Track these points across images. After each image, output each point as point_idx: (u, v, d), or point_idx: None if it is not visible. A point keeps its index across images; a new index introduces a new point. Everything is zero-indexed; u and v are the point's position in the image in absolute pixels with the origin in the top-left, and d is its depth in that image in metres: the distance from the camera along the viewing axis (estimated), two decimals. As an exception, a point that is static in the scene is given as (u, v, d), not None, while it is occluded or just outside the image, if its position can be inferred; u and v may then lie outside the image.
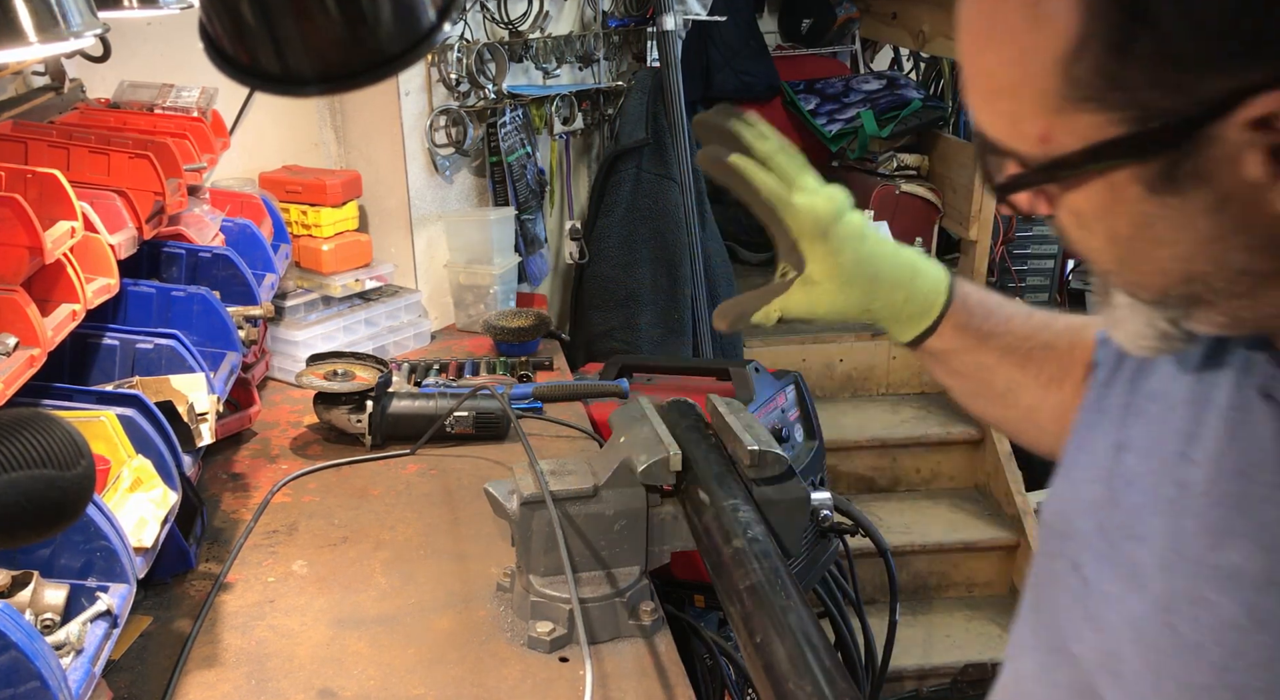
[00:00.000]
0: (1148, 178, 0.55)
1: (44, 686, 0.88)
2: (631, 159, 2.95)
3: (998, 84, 0.58)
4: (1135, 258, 0.60)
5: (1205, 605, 0.62)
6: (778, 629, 0.98)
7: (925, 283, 0.96)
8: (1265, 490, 0.61)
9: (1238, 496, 0.62)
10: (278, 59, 0.70)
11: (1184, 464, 0.67)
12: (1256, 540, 0.60)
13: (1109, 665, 0.69)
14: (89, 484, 0.78)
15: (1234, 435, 0.64)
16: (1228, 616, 0.61)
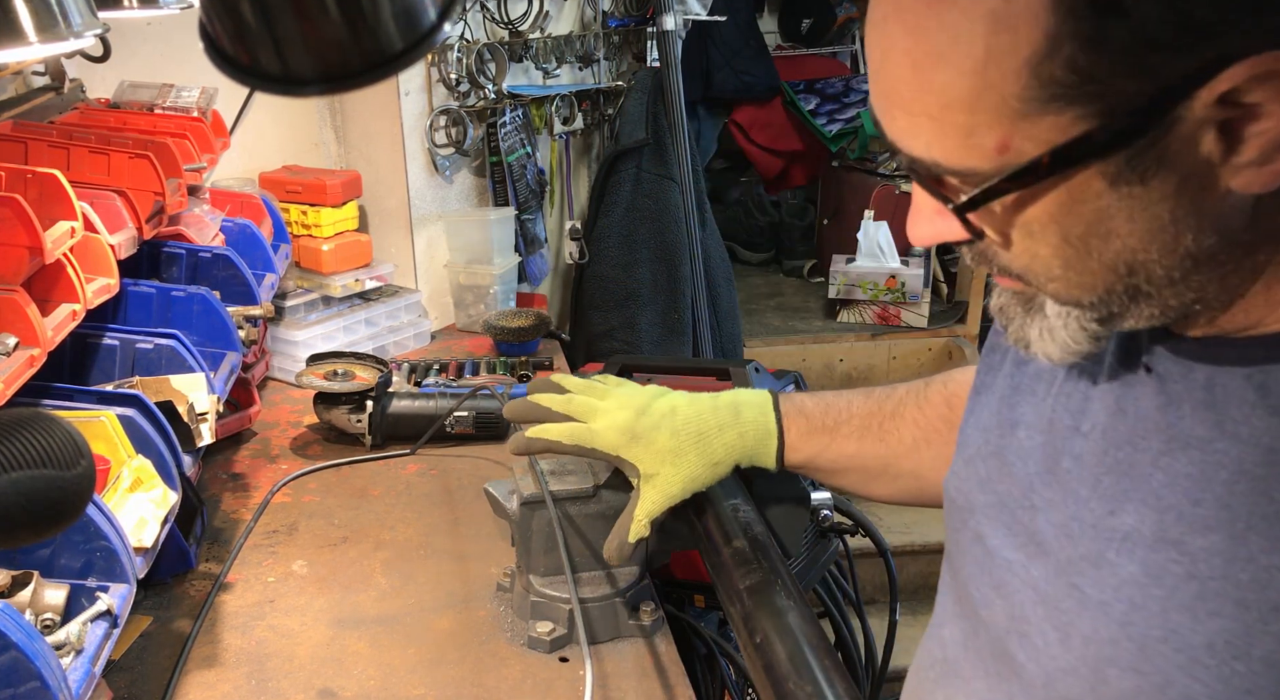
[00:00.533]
0: (1111, 171, 0.55)
1: (44, 686, 0.88)
2: (631, 159, 2.95)
3: (949, 99, 0.55)
4: (1084, 257, 0.59)
5: (1107, 565, 0.65)
6: (778, 629, 0.98)
7: (750, 412, 1.05)
8: (1152, 456, 0.64)
9: (1127, 465, 0.66)
10: (278, 59, 0.70)
11: (1075, 437, 0.70)
12: (1147, 504, 0.64)
13: (1017, 628, 0.72)
14: (89, 484, 0.77)
15: (1120, 408, 0.67)
16: (1126, 574, 0.64)
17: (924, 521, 3.17)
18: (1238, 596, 0.58)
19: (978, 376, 0.85)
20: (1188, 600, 0.61)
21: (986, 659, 0.77)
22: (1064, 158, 0.54)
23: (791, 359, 3.42)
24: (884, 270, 3.59)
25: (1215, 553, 0.60)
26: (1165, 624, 0.62)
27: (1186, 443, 0.62)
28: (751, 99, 4.20)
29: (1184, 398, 0.63)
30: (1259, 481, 0.58)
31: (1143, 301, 0.60)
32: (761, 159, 4.39)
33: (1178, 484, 0.62)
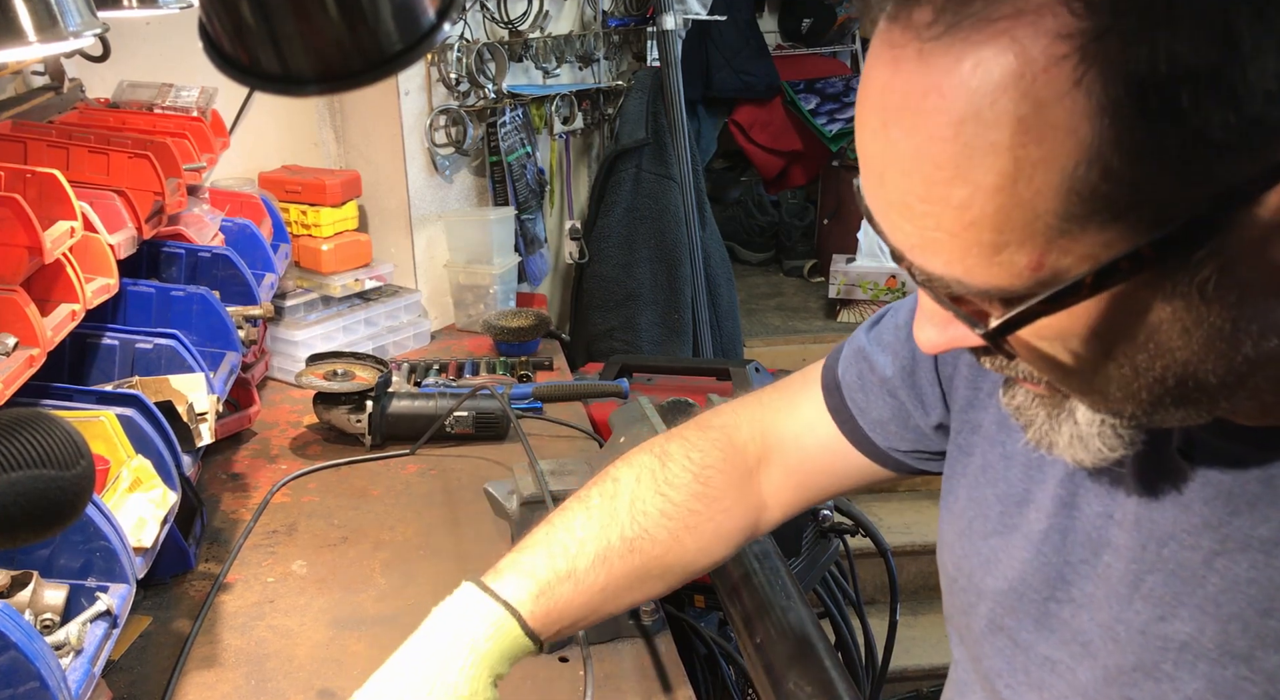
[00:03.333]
0: (1166, 285, 0.48)
1: (43, 687, 0.88)
2: (631, 159, 2.95)
3: (970, 218, 0.48)
4: (1129, 373, 0.52)
5: (1165, 680, 0.59)
6: (778, 629, 0.98)
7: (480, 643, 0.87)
8: (1203, 556, 0.57)
9: (1175, 564, 0.59)
10: (277, 59, 0.70)
11: (1110, 525, 0.63)
12: (1205, 611, 0.57)
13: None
14: (88, 484, 0.77)
15: (1156, 497, 0.60)
16: (1191, 692, 0.58)
17: (924, 521, 3.17)
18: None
19: (960, 434, 0.77)
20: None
21: None
22: (1110, 276, 0.47)
23: (791, 359, 3.42)
24: (884, 270, 3.59)
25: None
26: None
27: (1246, 544, 0.56)
28: (751, 99, 4.21)
29: (1237, 493, 0.56)
30: None
31: (1190, 407, 0.53)
32: (761, 159, 4.40)
33: (1240, 590, 0.56)
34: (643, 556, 0.87)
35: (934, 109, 0.47)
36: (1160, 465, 0.60)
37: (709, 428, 0.92)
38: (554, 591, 0.84)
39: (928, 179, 0.49)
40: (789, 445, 0.91)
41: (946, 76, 0.46)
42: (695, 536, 0.88)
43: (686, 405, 1.45)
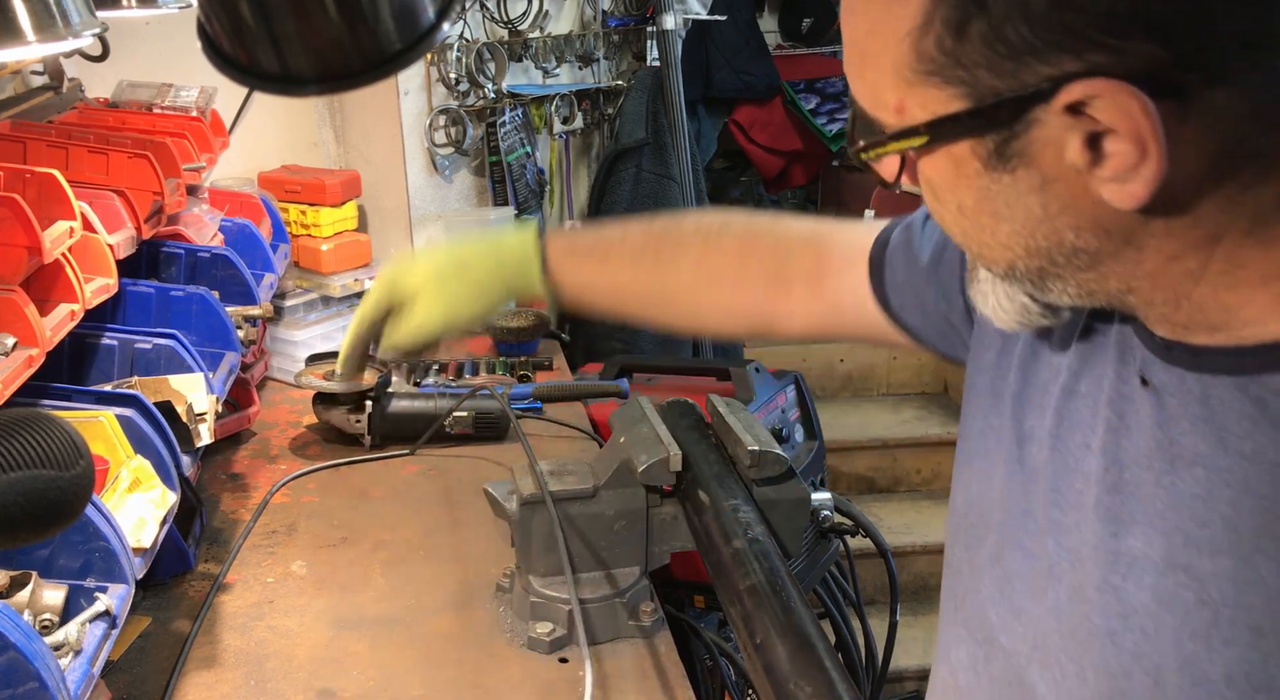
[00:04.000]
0: (983, 154, 0.58)
1: (42, 687, 0.88)
2: (631, 159, 2.95)
3: (863, 53, 0.61)
4: (980, 231, 0.63)
5: (1112, 592, 0.63)
6: (778, 630, 0.97)
7: (512, 238, 1.07)
8: (1155, 475, 0.62)
9: (1133, 485, 0.64)
10: (277, 59, 0.70)
11: (1086, 454, 0.68)
12: (1154, 526, 0.62)
13: (1038, 657, 0.70)
14: (88, 484, 0.77)
15: (1123, 423, 0.66)
16: (1137, 602, 0.62)
17: (924, 521, 3.17)
18: (1251, 622, 0.56)
19: (976, 374, 0.82)
20: (1201, 627, 0.58)
21: (1001, 686, 0.74)
22: (939, 130, 0.58)
23: (791, 359, 3.42)
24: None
25: (1225, 577, 0.58)
26: (1180, 654, 0.59)
27: (1191, 460, 0.60)
28: (751, 99, 4.20)
29: (1181, 412, 0.61)
30: (1265, 500, 0.56)
31: (1054, 281, 0.63)
32: (761, 159, 4.39)
33: (1183, 504, 0.60)
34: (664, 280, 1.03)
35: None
36: (1126, 393, 0.66)
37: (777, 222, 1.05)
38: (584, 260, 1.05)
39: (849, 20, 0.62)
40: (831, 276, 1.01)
41: None
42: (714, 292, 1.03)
43: (687, 405, 1.45)
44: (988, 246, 0.64)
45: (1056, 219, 0.59)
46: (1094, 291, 0.63)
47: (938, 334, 0.93)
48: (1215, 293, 0.59)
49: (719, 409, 1.38)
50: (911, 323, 0.95)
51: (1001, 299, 0.68)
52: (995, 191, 0.59)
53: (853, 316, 1.00)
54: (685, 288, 1.05)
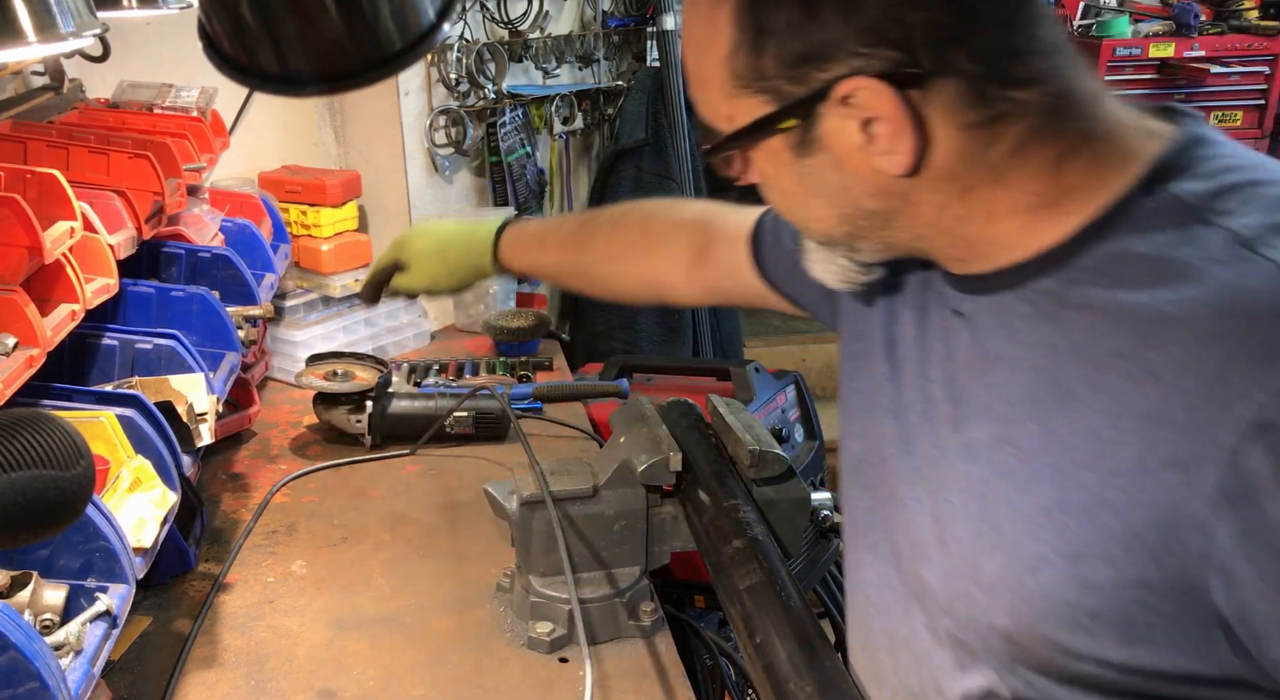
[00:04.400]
0: (792, 144, 0.75)
1: (43, 687, 0.88)
2: (631, 159, 2.94)
3: (699, 76, 0.78)
4: (802, 208, 0.81)
5: (961, 476, 0.79)
6: (778, 630, 0.97)
7: (483, 227, 1.40)
8: (976, 378, 0.79)
9: (963, 391, 0.81)
10: (277, 59, 0.70)
11: (928, 384, 0.85)
12: (982, 417, 0.78)
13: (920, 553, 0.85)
14: (88, 484, 0.77)
15: (949, 350, 0.83)
16: (977, 476, 0.77)
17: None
18: (1053, 464, 0.72)
19: (847, 344, 0.99)
20: (1023, 481, 0.74)
21: (900, 593, 0.89)
22: (757, 130, 0.75)
23: (791, 359, 3.42)
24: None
25: (1033, 436, 0.73)
26: (1010, 504, 0.75)
27: (997, 359, 0.77)
28: (751, 99, 4.20)
29: (985, 326, 0.79)
30: (1048, 372, 0.73)
31: (860, 241, 0.80)
32: (761, 159, 4.39)
33: (998, 394, 0.77)
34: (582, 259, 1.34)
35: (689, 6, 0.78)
36: (948, 326, 0.83)
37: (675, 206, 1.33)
38: (525, 246, 1.39)
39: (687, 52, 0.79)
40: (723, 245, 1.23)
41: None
42: (619, 266, 1.32)
43: (687, 405, 1.45)
44: (808, 220, 0.82)
45: (852, 189, 0.76)
46: (891, 244, 0.80)
47: (809, 302, 1.13)
48: (981, 229, 0.76)
49: (719, 409, 1.38)
50: (788, 290, 1.17)
51: (827, 263, 0.85)
52: (806, 174, 0.76)
53: (737, 285, 1.23)
54: (598, 262, 1.33)
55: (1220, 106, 4.19)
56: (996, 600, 0.75)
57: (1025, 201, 0.74)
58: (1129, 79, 4.18)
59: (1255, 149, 3.92)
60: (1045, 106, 0.72)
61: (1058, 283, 0.74)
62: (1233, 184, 0.70)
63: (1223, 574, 0.64)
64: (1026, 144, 0.72)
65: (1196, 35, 4.09)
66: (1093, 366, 0.70)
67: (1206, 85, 4.14)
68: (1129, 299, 0.69)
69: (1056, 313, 0.73)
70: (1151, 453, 0.66)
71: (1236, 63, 4.13)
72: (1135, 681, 0.71)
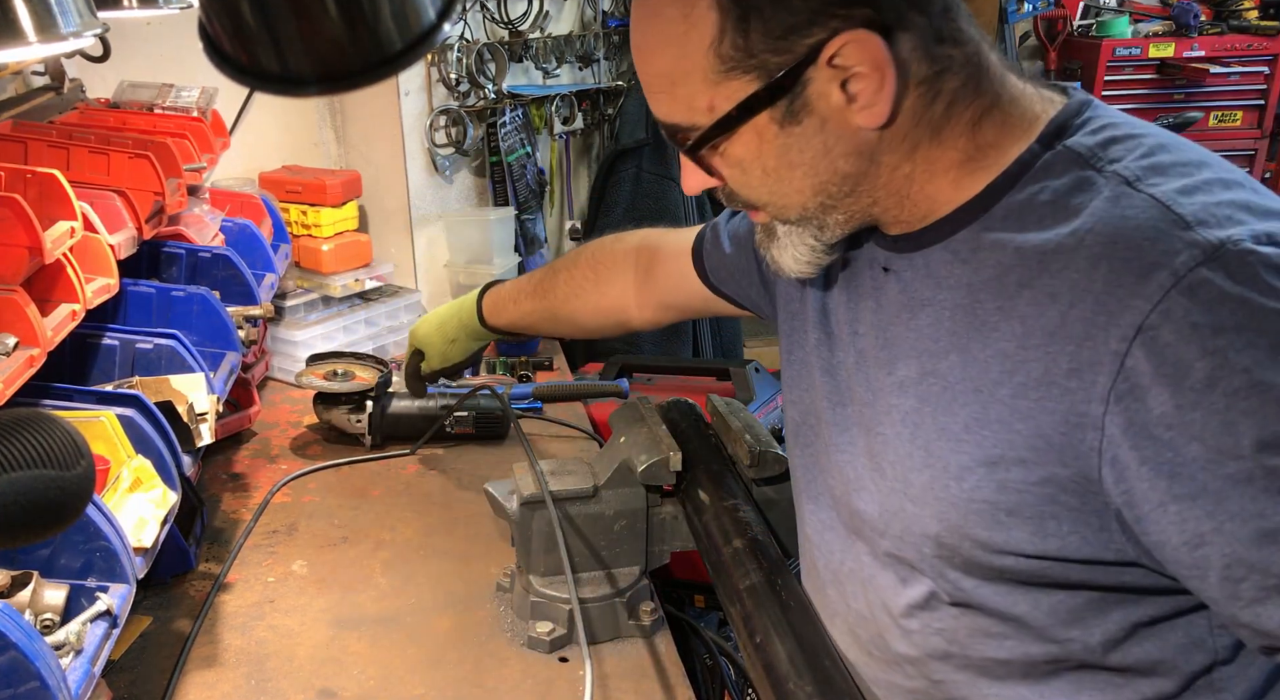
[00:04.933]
0: (778, 117, 0.80)
1: (43, 687, 0.88)
2: (631, 159, 2.94)
3: (672, 77, 0.81)
4: (782, 184, 0.84)
5: (894, 410, 0.88)
6: (778, 629, 0.98)
7: (468, 298, 1.55)
8: (904, 322, 0.88)
9: (892, 336, 0.89)
10: (277, 59, 0.70)
11: (859, 338, 0.94)
12: (910, 356, 0.87)
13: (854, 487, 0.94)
14: (89, 484, 0.77)
15: (879, 303, 0.91)
16: (908, 407, 0.86)
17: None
18: (973, 386, 0.81)
19: (785, 321, 1.09)
20: (945, 404, 0.83)
21: (841, 532, 0.98)
22: (745, 109, 0.79)
23: (791, 359, 3.42)
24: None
25: (955, 366, 0.82)
26: (936, 426, 0.84)
27: (922, 304, 0.86)
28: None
29: (912, 279, 0.87)
30: (967, 308, 0.82)
31: (832, 212, 0.86)
32: (761, 159, 4.39)
33: (924, 333, 0.86)
34: (549, 304, 1.45)
35: (646, 16, 0.82)
36: (877, 284, 0.92)
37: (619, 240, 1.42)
38: (504, 305, 1.51)
39: (650, 60, 0.83)
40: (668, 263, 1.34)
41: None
42: (579, 303, 1.43)
43: (687, 405, 1.45)
44: (786, 196, 0.85)
45: (833, 150, 0.81)
46: (854, 213, 0.86)
47: (748, 300, 1.25)
48: (922, 188, 0.84)
49: (719, 409, 1.38)
50: (729, 291, 1.27)
51: (797, 248, 0.90)
52: (790, 144, 0.81)
53: (685, 296, 1.33)
54: (561, 303, 1.44)
55: (1220, 106, 4.19)
56: (926, 509, 0.85)
57: (955, 159, 0.82)
58: (1129, 79, 4.18)
59: (1254, 149, 3.96)
60: (970, 66, 0.80)
61: (973, 231, 0.83)
62: (1114, 137, 0.80)
63: (1113, 465, 0.73)
64: (956, 102, 0.81)
65: (1196, 35, 4.09)
66: (1005, 297, 0.79)
67: (1206, 85, 4.14)
68: (1033, 237, 0.78)
69: (972, 257, 0.82)
70: (1055, 364, 0.75)
71: (1236, 63, 4.13)
72: (1045, 568, 0.80)
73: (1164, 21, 4.23)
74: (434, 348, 1.59)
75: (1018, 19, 4.27)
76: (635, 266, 1.38)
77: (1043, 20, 4.35)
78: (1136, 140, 0.80)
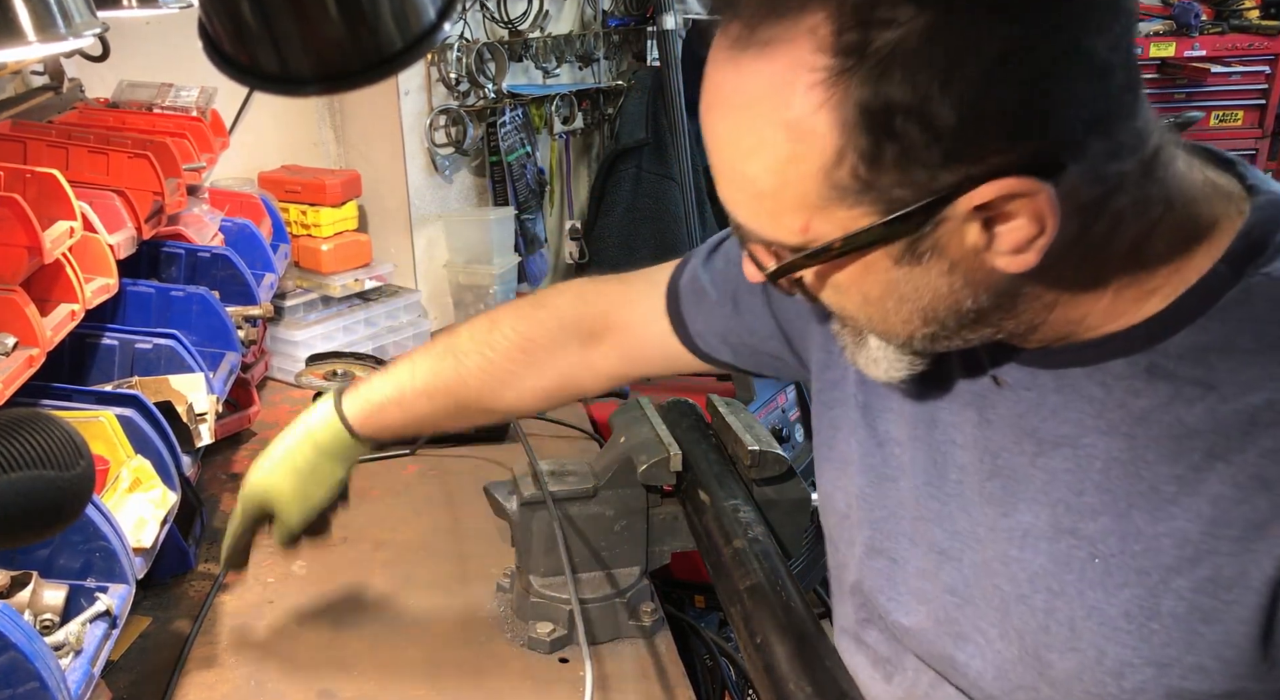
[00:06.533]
0: (894, 254, 0.65)
1: (43, 687, 0.88)
2: (631, 159, 2.94)
3: (760, 188, 0.65)
4: (886, 314, 0.70)
5: (1015, 563, 0.74)
6: (778, 629, 0.98)
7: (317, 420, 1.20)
8: (1028, 459, 0.74)
9: (1009, 470, 0.75)
10: (277, 59, 0.70)
11: (954, 449, 0.79)
12: (1038, 501, 0.73)
13: (949, 631, 0.81)
14: (88, 484, 0.77)
15: (984, 419, 0.77)
16: (1037, 567, 0.73)
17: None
18: (1136, 566, 0.68)
19: (823, 392, 0.94)
20: (1097, 578, 0.70)
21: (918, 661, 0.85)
22: (853, 243, 0.64)
23: (791, 359, 3.42)
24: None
25: (1108, 533, 0.69)
26: (1084, 603, 0.70)
27: (1057, 442, 0.72)
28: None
29: (1039, 402, 0.73)
30: (1127, 465, 0.68)
31: (943, 340, 0.71)
32: (761, 158, 4.39)
33: (1059, 480, 0.72)
34: (461, 398, 1.14)
35: (735, 105, 0.64)
36: (982, 394, 0.77)
37: (542, 307, 1.15)
38: (382, 410, 1.16)
39: (731, 157, 0.66)
40: (625, 332, 1.13)
41: (744, 80, 0.63)
42: (510, 389, 1.14)
43: (687, 405, 1.45)
44: (889, 324, 0.71)
45: (959, 293, 0.67)
46: (972, 339, 0.72)
47: (750, 361, 1.07)
48: (1065, 313, 0.70)
49: (719, 409, 1.38)
50: (723, 358, 1.08)
51: (892, 361, 0.76)
52: (902, 281, 0.66)
53: (658, 360, 1.14)
54: (484, 395, 1.15)
55: (1220, 106, 4.19)
56: (1071, 698, 0.73)
57: (1113, 280, 0.68)
58: (1129, 79, 4.18)
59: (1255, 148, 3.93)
60: (1144, 172, 0.65)
61: (1140, 368, 0.68)
62: None
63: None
64: (1124, 219, 0.66)
65: (1197, 35, 4.09)
66: (1187, 466, 0.66)
67: (1207, 85, 4.13)
68: (1231, 398, 0.65)
69: (1132, 401, 0.68)
70: (1256, 566, 0.63)
71: (1237, 62, 4.13)
72: None
73: (1165, 21, 4.22)
74: (285, 492, 1.19)
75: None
76: (578, 336, 1.14)
77: (1043, 20, 4.35)
78: None
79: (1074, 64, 0.58)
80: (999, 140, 0.59)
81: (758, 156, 0.64)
